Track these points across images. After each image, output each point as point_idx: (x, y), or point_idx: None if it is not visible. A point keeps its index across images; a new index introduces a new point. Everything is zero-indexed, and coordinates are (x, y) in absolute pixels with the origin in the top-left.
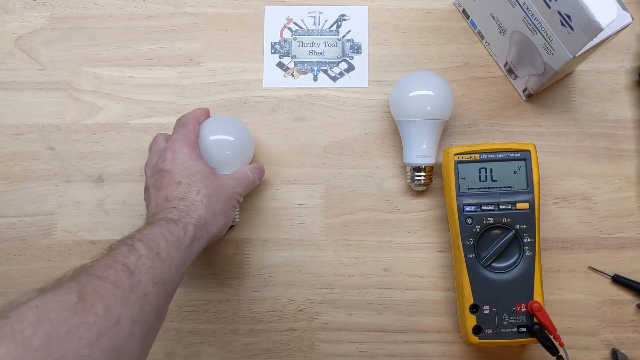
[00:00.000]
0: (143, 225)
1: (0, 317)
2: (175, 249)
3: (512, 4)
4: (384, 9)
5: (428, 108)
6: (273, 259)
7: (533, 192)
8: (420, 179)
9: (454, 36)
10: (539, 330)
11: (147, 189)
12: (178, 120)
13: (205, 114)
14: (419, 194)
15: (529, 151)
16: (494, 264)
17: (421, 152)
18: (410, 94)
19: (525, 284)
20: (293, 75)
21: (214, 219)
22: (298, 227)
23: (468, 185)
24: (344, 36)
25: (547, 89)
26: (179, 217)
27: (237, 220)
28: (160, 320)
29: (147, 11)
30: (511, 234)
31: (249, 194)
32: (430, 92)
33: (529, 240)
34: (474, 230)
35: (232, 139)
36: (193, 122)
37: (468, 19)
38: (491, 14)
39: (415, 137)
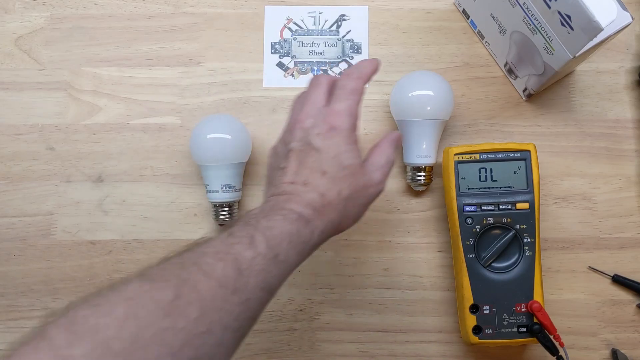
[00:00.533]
0: (265, 204)
1: (96, 298)
2: (297, 252)
3: (512, 4)
4: (384, 9)
5: (428, 108)
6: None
7: (533, 192)
8: (420, 179)
9: (454, 36)
10: (539, 330)
11: (288, 149)
12: (346, 75)
13: (373, 70)
14: (419, 194)
15: (529, 151)
16: (494, 264)
17: (421, 152)
18: (411, 94)
19: (525, 284)
20: (293, 75)
21: (344, 222)
22: None
23: (468, 185)
24: (344, 36)
25: (547, 89)
26: (312, 217)
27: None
28: (254, 324)
29: (147, 11)
30: (511, 234)
31: (250, 197)
32: (431, 92)
33: (529, 240)
34: (474, 230)
35: (230, 137)
36: (361, 89)
37: (468, 19)
38: (491, 14)
39: (416, 137)
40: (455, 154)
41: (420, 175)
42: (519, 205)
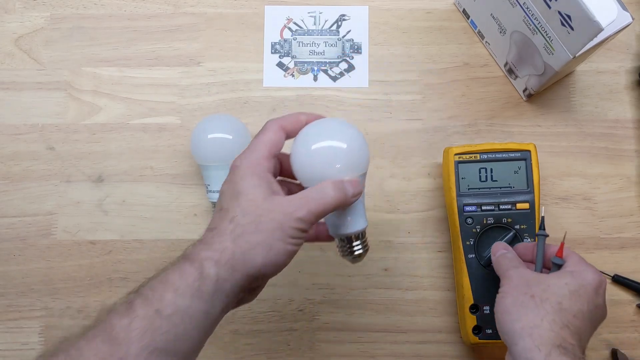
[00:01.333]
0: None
1: None
2: (190, 296)
3: (512, 4)
4: (384, 9)
5: (338, 166)
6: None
7: (533, 192)
8: (357, 249)
9: (454, 36)
10: None
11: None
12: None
13: (297, 122)
14: (419, 194)
15: (529, 151)
16: None
17: (348, 218)
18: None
19: None
20: (293, 75)
21: (249, 252)
22: None
23: (468, 185)
24: (344, 36)
25: (547, 89)
26: (196, 252)
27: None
28: None
29: (147, 11)
30: (511, 233)
31: None
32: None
33: (529, 240)
34: (474, 230)
35: (230, 137)
36: (274, 129)
37: (468, 19)
38: (491, 14)
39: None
40: (456, 154)
41: (357, 245)
42: (519, 206)
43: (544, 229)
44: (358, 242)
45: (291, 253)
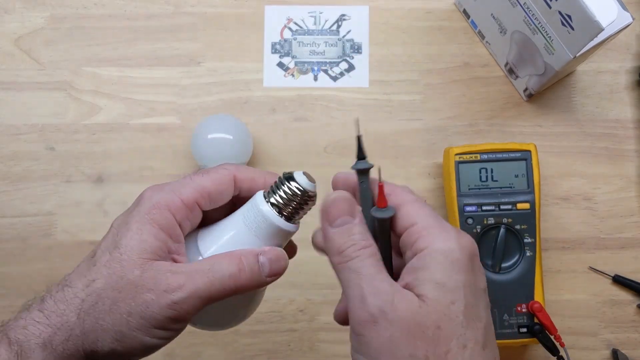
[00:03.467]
0: None
1: None
2: None
3: (512, 4)
4: (384, 9)
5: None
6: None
7: (534, 192)
8: None
9: (454, 36)
10: (540, 330)
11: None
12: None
13: (254, 181)
14: (420, 193)
15: (529, 151)
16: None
17: None
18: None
19: (525, 284)
20: (293, 75)
21: (93, 334)
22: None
23: (468, 186)
24: (344, 36)
25: (548, 89)
26: (25, 324)
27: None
28: None
29: (147, 11)
30: (502, 230)
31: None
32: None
33: (529, 240)
34: (474, 230)
35: (231, 137)
36: (224, 175)
37: (468, 19)
38: (492, 14)
39: None
40: (456, 154)
41: None
42: (519, 206)
43: (365, 158)
44: None
45: (150, 348)
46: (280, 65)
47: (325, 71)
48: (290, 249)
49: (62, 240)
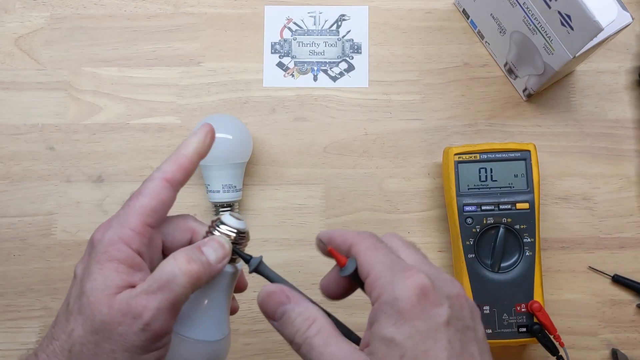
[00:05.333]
0: None
1: None
2: None
3: (512, 4)
4: (384, 9)
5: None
6: (273, 259)
7: (533, 192)
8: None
9: (454, 36)
10: (539, 330)
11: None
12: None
13: (183, 166)
14: (419, 193)
15: (529, 151)
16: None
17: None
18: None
19: (525, 284)
20: (293, 75)
21: None
22: (298, 227)
23: (468, 185)
24: (344, 36)
25: (547, 89)
26: None
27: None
28: None
29: (147, 11)
30: (502, 230)
31: (250, 197)
32: (229, 136)
33: (529, 240)
34: (474, 230)
35: (231, 137)
36: (155, 188)
37: (468, 19)
38: (491, 14)
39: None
40: (455, 154)
41: (225, 211)
42: (519, 205)
43: (249, 258)
44: None
45: None
46: (280, 65)
47: (325, 71)
48: (241, 285)
49: (62, 240)
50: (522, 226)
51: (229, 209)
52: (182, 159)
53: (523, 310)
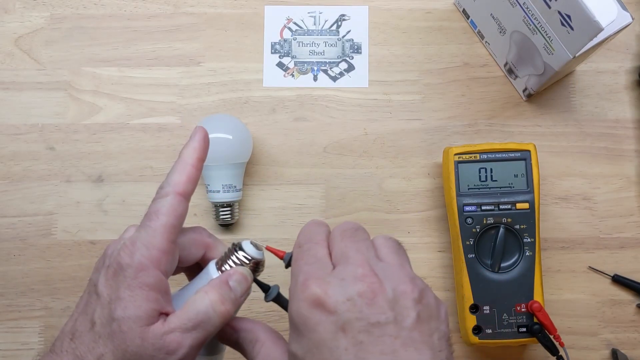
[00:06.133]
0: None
1: None
2: None
3: (512, 4)
4: (384, 9)
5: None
6: (273, 259)
7: (533, 192)
8: (225, 215)
9: (454, 36)
10: (539, 330)
11: (89, 285)
12: (156, 194)
13: (192, 176)
14: (419, 193)
15: (529, 151)
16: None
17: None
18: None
19: (525, 284)
20: (293, 75)
21: None
22: (298, 227)
23: (468, 185)
24: (344, 36)
25: (547, 89)
26: None
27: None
28: None
29: (147, 11)
30: (502, 230)
31: (250, 197)
32: (229, 137)
33: (529, 240)
34: (474, 230)
35: (231, 137)
36: (172, 205)
37: (468, 19)
38: (491, 14)
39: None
40: (455, 154)
41: (225, 211)
42: (519, 205)
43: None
44: None
45: None
46: (280, 65)
47: (325, 71)
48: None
49: (62, 240)
50: (522, 226)
51: (229, 209)
52: (189, 169)
53: (523, 310)
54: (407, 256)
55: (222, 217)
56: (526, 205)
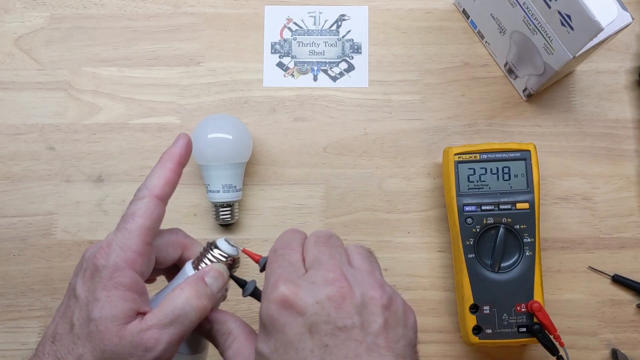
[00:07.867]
0: None
1: None
2: None
3: (512, 4)
4: (384, 9)
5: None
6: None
7: (533, 192)
8: (225, 215)
9: (454, 36)
10: (539, 330)
11: (69, 289)
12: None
13: (170, 180)
14: (419, 193)
15: (529, 151)
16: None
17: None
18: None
19: (525, 284)
20: (293, 75)
21: None
22: (298, 227)
23: (468, 185)
24: (344, 36)
25: (547, 89)
26: None
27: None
28: None
29: (147, 11)
30: (502, 230)
31: (250, 197)
32: (229, 136)
33: (529, 240)
34: (474, 230)
35: (231, 137)
36: (148, 207)
37: (468, 19)
38: (491, 14)
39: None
40: (455, 154)
41: (225, 211)
42: (519, 205)
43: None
44: None
45: None
46: (280, 65)
47: (325, 71)
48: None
49: (62, 240)
50: (522, 226)
51: (229, 209)
52: (167, 173)
53: (523, 310)
54: (378, 264)
55: (222, 217)
56: (526, 205)
